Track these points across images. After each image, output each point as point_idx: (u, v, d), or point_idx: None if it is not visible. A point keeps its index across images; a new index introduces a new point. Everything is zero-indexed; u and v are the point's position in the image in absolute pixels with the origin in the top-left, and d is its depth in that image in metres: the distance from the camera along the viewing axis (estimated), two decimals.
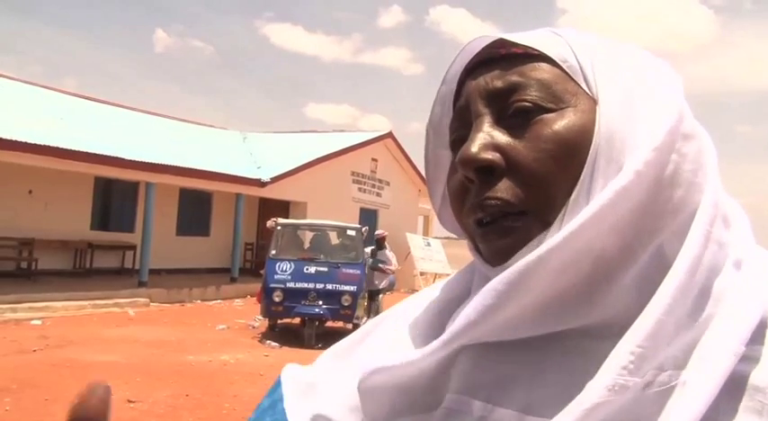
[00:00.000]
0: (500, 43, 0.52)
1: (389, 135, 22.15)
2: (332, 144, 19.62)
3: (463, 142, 0.51)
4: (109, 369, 6.94)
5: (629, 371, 0.41)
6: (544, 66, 0.49)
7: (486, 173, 0.48)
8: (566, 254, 0.44)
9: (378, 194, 21.97)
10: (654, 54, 0.52)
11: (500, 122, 0.50)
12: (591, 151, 0.46)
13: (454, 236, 0.59)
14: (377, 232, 11.48)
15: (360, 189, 20.95)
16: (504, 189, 0.47)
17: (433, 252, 21.10)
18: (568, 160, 0.46)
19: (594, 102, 0.48)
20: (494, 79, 0.51)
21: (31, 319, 9.96)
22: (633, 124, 0.47)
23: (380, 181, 22.07)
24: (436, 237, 23.01)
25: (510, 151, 0.48)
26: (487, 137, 0.49)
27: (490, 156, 0.48)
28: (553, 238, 0.44)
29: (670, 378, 0.42)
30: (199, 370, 7.37)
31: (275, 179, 16.23)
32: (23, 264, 13.41)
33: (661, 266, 0.45)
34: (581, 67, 0.49)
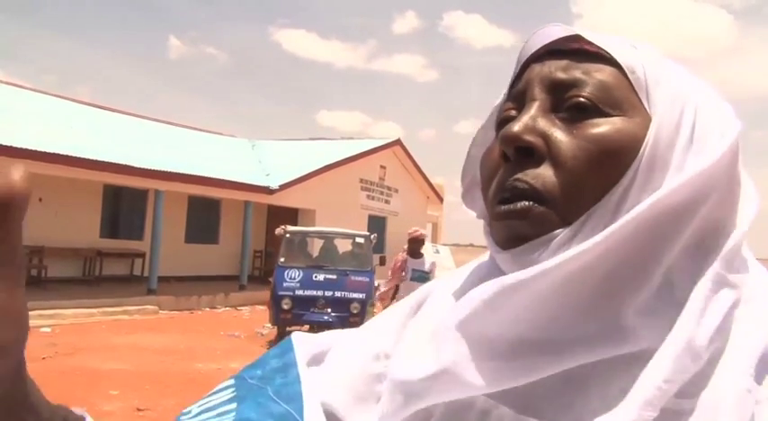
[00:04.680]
0: (574, 37, 0.52)
1: (398, 142, 22.18)
2: (340, 151, 19.65)
3: (510, 122, 0.51)
4: (118, 376, 6.94)
5: (650, 409, 0.42)
6: (610, 70, 0.49)
7: (524, 154, 0.48)
8: (574, 266, 0.44)
9: (386, 201, 21.98)
10: (674, 60, 0.52)
11: (552, 112, 0.50)
12: (632, 166, 0.46)
13: (463, 243, 0.58)
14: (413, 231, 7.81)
15: (368, 196, 20.96)
16: (535, 175, 0.48)
17: (442, 259, 21.01)
18: (606, 167, 0.46)
19: (649, 119, 0.48)
20: (558, 70, 0.51)
21: (41, 327, 9.97)
22: (681, 152, 0.47)
23: (389, 188, 22.08)
24: (445, 245, 22.95)
25: (552, 141, 0.48)
26: (535, 121, 0.49)
27: (532, 138, 0.48)
28: (572, 250, 0.44)
29: (684, 406, 0.43)
30: (208, 377, 7.35)
31: (284, 186, 16.26)
32: (33, 272, 13.47)
33: (670, 296, 0.45)
34: (646, 82, 0.49)
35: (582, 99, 0.48)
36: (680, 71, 0.51)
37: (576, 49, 0.51)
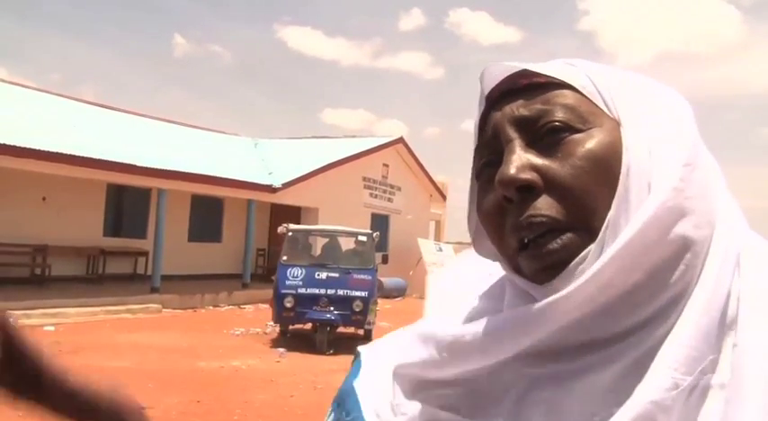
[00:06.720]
0: (520, 74, 0.54)
1: (401, 140, 22.17)
2: (343, 150, 19.65)
3: (491, 167, 0.53)
4: (121, 375, 6.95)
5: (681, 372, 0.44)
6: (566, 92, 0.52)
7: (525, 192, 0.50)
8: (609, 273, 0.46)
9: (389, 200, 21.97)
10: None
11: (531, 146, 0.52)
12: (623, 167, 0.49)
13: (466, 241, 0.59)
14: None
15: (371, 194, 20.96)
16: (546, 206, 0.49)
17: (445, 257, 21.03)
18: (603, 176, 0.49)
19: (617, 122, 0.51)
20: (519, 108, 0.53)
21: (45, 325, 10.00)
22: (657, 143, 0.50)
23: (392, 186, 22.07)
24: (448, 242, 22.95)
25: (546, 171, 0.50)
26: (523, 158, 0.51)
27: (529, 175, 0.49)
28: (598, 261, 0.46)
29: (711, 381, 0.45)
30: (210, 376, 7.37)
31: (286, 185, 16.27)
32: (37, 271, 13.52)
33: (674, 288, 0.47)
34: (599, 92, 0.52)
35: (555, 123, 0.51)
36: (615, 71, 0.55)
37: (526, 85, 0.54)
